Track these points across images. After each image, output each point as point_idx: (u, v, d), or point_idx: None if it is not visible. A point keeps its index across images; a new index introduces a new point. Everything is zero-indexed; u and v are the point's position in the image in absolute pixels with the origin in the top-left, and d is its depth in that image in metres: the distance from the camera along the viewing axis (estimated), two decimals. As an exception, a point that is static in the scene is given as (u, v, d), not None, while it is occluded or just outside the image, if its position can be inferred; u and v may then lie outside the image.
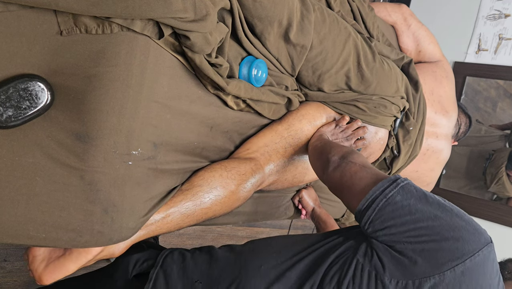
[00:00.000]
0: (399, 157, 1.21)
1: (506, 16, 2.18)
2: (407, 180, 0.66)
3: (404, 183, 0.65)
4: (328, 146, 0.88)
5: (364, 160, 0.78)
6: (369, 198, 0.65)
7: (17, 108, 0.62)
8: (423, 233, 0.60)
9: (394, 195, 0.64)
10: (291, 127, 1.00)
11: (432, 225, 0.60)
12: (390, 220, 0.62)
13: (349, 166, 0.75)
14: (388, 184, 0.65)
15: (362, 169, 0.73)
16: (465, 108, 1.49)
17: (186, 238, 1.83)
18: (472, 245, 0.58)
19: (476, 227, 0.61)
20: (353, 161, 0.76)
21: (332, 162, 0.80)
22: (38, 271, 0.70)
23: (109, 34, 0.64)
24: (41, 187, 0.64)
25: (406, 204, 0.62)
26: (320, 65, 0.96)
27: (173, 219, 0.79)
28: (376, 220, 0.64)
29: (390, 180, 0.66)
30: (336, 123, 1.05)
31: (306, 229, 2.46)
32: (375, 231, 0.64)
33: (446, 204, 0.63)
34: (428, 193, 0.65)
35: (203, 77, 0.78)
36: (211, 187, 0.83)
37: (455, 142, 1.51)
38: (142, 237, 0.77)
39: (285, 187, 1.08)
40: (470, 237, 0.59)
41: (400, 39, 1.42)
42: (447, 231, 0.59)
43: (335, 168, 0.78)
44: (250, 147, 0.95)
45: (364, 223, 0.66)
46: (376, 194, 0.65)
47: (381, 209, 0.64)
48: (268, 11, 0.81)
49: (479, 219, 2.14)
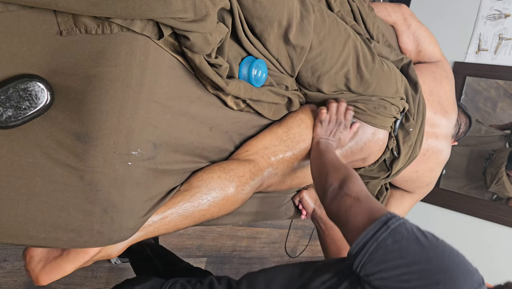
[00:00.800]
0: (399, 158, 1.21)
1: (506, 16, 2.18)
2: (399, 220, 0.66)
3: (395, 225, 0.65)
4: (325, 168, 0.88)
5: (361, 187, 0.78)
6: (360, 242, 0.66)
7: (17, 108, 0.62)
8: (415, 277, 0.60)
9: (385, 238, 0.64)
10: (290, 131, 1.00)
11: (424, 269, 0.60)
12: (382, 263, 0.63)
13: (344, 199, 0.76)
14: (379, 226, 0.66)
15: (356, 203, 0.73)
16: (465, 108, 1.49)
17: (186, 238, 1.84)
18: (464, 287, 0.58)
19: (467, 268, 0.61)
20: (348, 193, 0.76)
21: (330, 193, 0.80)
22: (35, 272, 0.70)
23: (109, 35, 0.64)
24: (41, 187, 0.64)
25: (397, 247, 0.63)
26: (320, 66, 0.96)
27: (171, 220, 0.79)
28: (367, 264, 0.64)
29: (381, 221, 0.66)
30: (319, 120, 1.03)
31: (306, 229, 2.46)
32: (367, 275, 0.64)
33: (438, 243, 0.64)
34: (419, 234, 0.65)
35: (203, 77, 0.78)
36: (209, 188, 0.82)
37: (455, 143, 1.51)
38: (140, 238, 0.77)
39: (284, 189, 1.08)
40: (462, 279, 0.59)
41: (400, 39, 1.42)
42: (439, 274, 0.59)
43: (332, 200, 0.79)
44: (250, 148, 0.94)
45: (356, 267, 0.66)
46: (366, 238, 0.65)
47: (372, 253, 0.64)
48: (267, 12, 0.81)
49: (479, 219, 2.14)
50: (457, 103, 1.43)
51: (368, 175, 1.29)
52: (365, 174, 1.28)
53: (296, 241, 2.42)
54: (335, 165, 0.88)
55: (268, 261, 2.27)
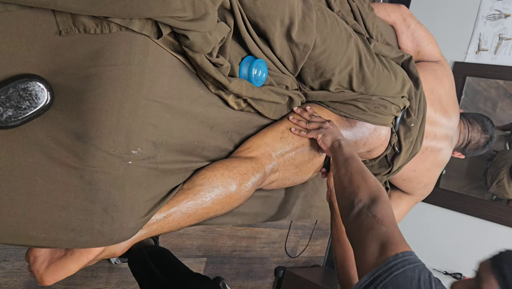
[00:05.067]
0: (400, 154, 1.21)
1: (506, 16, 2.18)
2: (405, 266, 0.64)
3: (399, 271, 0.64)
4: (356, 180, 0.83)
5: (388, 211, 0.75)
6: (363, 284, 0.65)
7: (17, 108, 0.62)
8: None
9: (386, 285, 0.63)
10: (292, 127, 1.01)
11: None
12: None
13: (369, 219, 0.73)
14: (384, 269, 0.64)
15: (378, 228, 0.71)
16: (484, 127, 1.44)
17: (186, 238, 1.83)
18: None
19: None
20: (375, 214, 0.74)
21: (357, 208, 0.77)
22: (39, 272, 0.70)
23: (108, 34, 0.64)
24: (41, 187, 0.64)
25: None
26: (324, 64, 0.96)
27: (174, 218, 0.79)
28: None
29: (387, 263, 0.64)
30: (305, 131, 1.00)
31: (306, 229, 2.46)
32: None
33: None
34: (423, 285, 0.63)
35: (205, 76, 0.78)
36: (212, 186, 0.83)
37: (462, 156, 1.50)
38: (144, 236, 0.77)
39: (286, 186, 1.08)
40: None
41: (399, 39, 1.42)
42: None
43: (356, 217, 0.76)
44: (251, 146, 0.95)
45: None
46: (370, 279, 0.64)
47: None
48: (269, 10, 0.81)
49: (479, 219, 2.14)
50: (475, 118, 1.42)
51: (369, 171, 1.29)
52: None
53: (296, 241, 2.42)
54: (366, 178, 0.83)
55: (268, 261, 2.27)
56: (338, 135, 0.98)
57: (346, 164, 0.88)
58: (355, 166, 0.87)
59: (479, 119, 1.47)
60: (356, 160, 0.89)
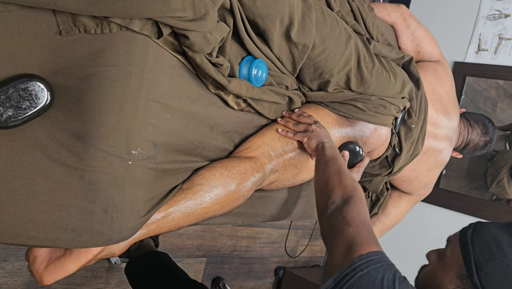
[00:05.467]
0: (400, 155, 1.21)
1: (506, 16, 2.18)
2: (369, 267, 0.64)
3: (363, 272, 0.63)
4: (332, 182, 0.83)
5: (359, 212, 0.75)
6: (329, 286, 0.65)
7: (17, 108, 0.62)
8: None
9: (350, 286, 0.62)
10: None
11: None
12: None
13: (338, 221, 0.74)
14: (348, 271, 0.64)
15: (346, 229, 0.71)
16: (485, 130, 1.44)
17: (186, 238, 1.83)
18: None
19: None
20: (345, 215, 0.74)
21: (329, 210, 0.77)
22: (38, 272, 0.70)
23: (108, 34, 0.64)
24: (40, 187, 0.64)
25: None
26: (322, 64, 0.96)
27: (173, 218, 0.79)
28: None
29: (351, 264, 0.64)
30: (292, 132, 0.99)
31: (306, 229, 2.46)
32: None
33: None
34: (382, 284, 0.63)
35: (205, 76, 0.78)
36: (211, 186, 0.83)
37: (460, 155, 1.50)
38: (143, 236, 0.77)
39: (286, 186, 1.08)
40: None
41: (399, 39, 1.42)
42: None
43: (328, 218, 0.77)
44: (250, 146, 0.95)
45: None
46: (336, 281, 0.64)
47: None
48: (269, 9, 0.81)
49: (479, 219, 2.14)
50: (477, 120, 1.42)
51: (370, 172, 1.29)
52: (366, 170, 1.28)
53: (296, 241, 2.42)
54: (342, 179, 0.83)
55: (268, 261, 2.27)
56: (324, 137, 0.97)
57: (326, 166, 0.88)
58: (334, 168, 0.87)
59: (480, 121, 1.46)
60: (337, 162, 0.89)
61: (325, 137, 0.97)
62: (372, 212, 1.45)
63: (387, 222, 1.51)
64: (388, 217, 1.50)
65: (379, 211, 1.45)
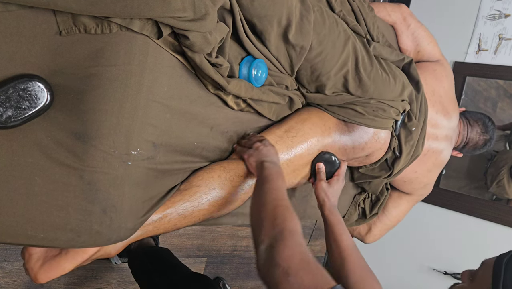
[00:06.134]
0: (400, 158, 1.20)
1: (506, 16, 2.18)
2: None
3: None
4: (262, 213, 0.73)
5: (293, 250, 0.65)
6: None
7: (17, 108, 0.62)
8: None
9: None
10: (291, 129, 1.00)
11: None
12: None
13: (273, 270, 0.64)
14: None
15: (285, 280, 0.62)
16: (484, 129, 1.45)
17: (186, 238, 1.83)
18: None
19: None
20: (279, 262, 0.64)
21: (260, 253, 0.68)
22: (34, 270, 0.70)
23: (108, 34, 0.64)
24: (40, 187, 0.64)
25: None
26: (319, 66, 0.96)
27: (170, 219, 0.79)
28: None
29: None
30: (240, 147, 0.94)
31: (306, 229, 2.46)
32: None
33: None
34: None
35: (204, 76, 0.78)
36: (209, 188, 0.82)
37: (460, 154, 1.50)
38: (139, 237, 0.77)
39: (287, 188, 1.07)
40: None
41: (399, 39, 1.42)
42: None
43: (263, 264, 0.67)
44: None
45: None
46: None
47: None
48: (267, 10, 0.81)
49: (479, 219, 2.14)
50: (476, 119, 1.42)
51: (370, 174, 1.29)
52: (366, 172, 1.28)
53: (296, 241, 2.42)
54: (272, 210, 0.73)
55: (268, 261, 2.26)
56: (266, 156, 0.87)
57: (261, 189, 0.79)
58: (269, 193, 0.77)
59: (480, 120, 1.46)
60: (274, 186, 0.79)
61: (268, 156, 0.88)
62: (372, 212, 1.45)
63: (388, 222, 1.51)
64: (389, 217, 1.50)
65: (379, 211, 1.45)
